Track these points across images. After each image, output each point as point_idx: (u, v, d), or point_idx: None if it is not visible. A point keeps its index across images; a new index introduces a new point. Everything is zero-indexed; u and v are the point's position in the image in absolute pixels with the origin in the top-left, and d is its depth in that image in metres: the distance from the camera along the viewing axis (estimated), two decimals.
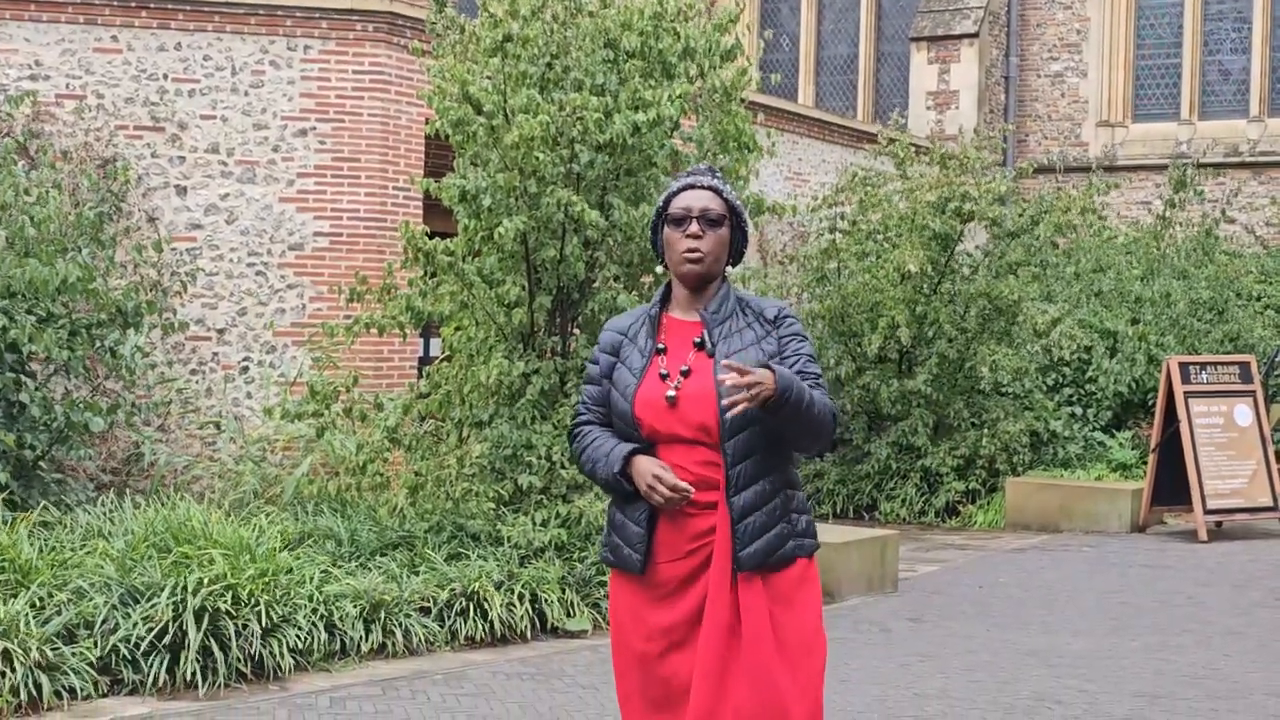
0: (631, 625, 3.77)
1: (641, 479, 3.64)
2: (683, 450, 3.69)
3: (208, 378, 10.78)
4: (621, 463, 3.67)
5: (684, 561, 3.69)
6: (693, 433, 3.68)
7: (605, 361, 3.83)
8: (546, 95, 8.50)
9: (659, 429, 3.70)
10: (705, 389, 3.68)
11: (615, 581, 3.82)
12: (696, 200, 3.79)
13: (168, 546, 7.09)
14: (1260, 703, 6.73)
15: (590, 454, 3.77)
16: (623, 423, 3.74)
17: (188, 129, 10.93)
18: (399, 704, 6.38)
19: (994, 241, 13.90)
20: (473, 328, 8.85)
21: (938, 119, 20.37)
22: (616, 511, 3.78)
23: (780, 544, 3.68)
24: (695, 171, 3.89)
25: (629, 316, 3.91)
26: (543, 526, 8.33)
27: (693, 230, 3.76)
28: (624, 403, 3.74)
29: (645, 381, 3.73)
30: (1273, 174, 19.47)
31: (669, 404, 3.68)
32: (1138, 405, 15.37)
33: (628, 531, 3.73)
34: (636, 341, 3.81)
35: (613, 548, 3.79)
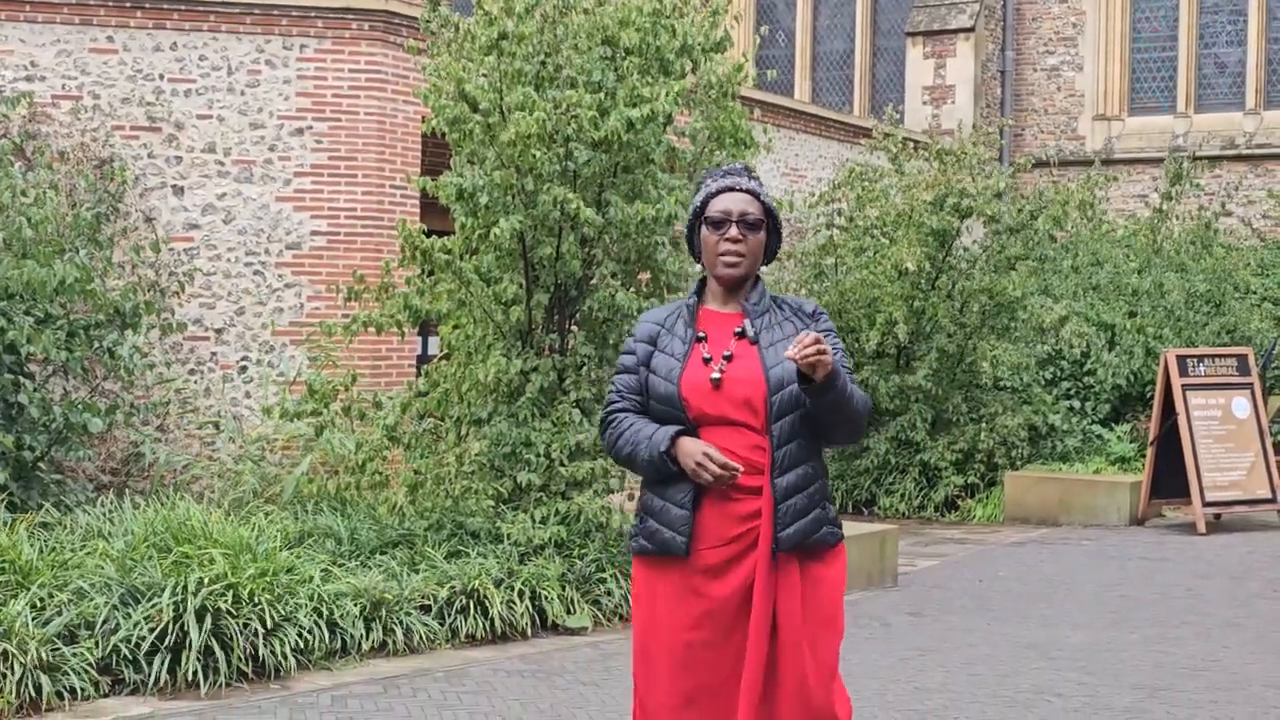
0: (670, 614, 3.77)
1: (689, 458, 3.69)
2: (728, 433, 3.76)
3: (206, 377, 10.79)
4: (668, 442, 3.72)
5: (729, 546, 3.74)
6: (740, 414, 3.75)
7: (643, 350, 3.89)
8: (542, 92, 8.50)
9: (707, 410, 3.77)
10: (751, 372, 3.77)
11: (649, 569, 3.81)
12: (735, 204, 3.86)
13: (168, 546, 7.09)
14: (1260, 694, 6.74)
15: (629, 437, 3.81)
16: (666, 406, 3.80)
17: (184, 129, 10.93)
18: (400, 702, 6.39)
19: (992, 237, 13.91)
20: (471, 326, 8.86)
21: (934, 114, 20.37)
22: (654, 497, 3.80)
23: (816, 528, 3.78)
24: (732, 172, 3.96)
25: (663, 310, 3.99)
26: (542, 524, 8.33)
27: (732, 235, 3.84)
28: (668, 385, 3.80)
29: (690, 365, 3.81)
30: (1269, 166, 19.48)
31: (714, 385, 3.76)
32: (1136, 398, 15.38)
33: (670, 515, 3.76)
34: (674, 331, 3.89)
35: (649, 534, 3.79)
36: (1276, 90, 19.77)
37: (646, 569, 3.83)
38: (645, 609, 3.83)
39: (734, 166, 4.00)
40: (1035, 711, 6.39)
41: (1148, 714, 6.36)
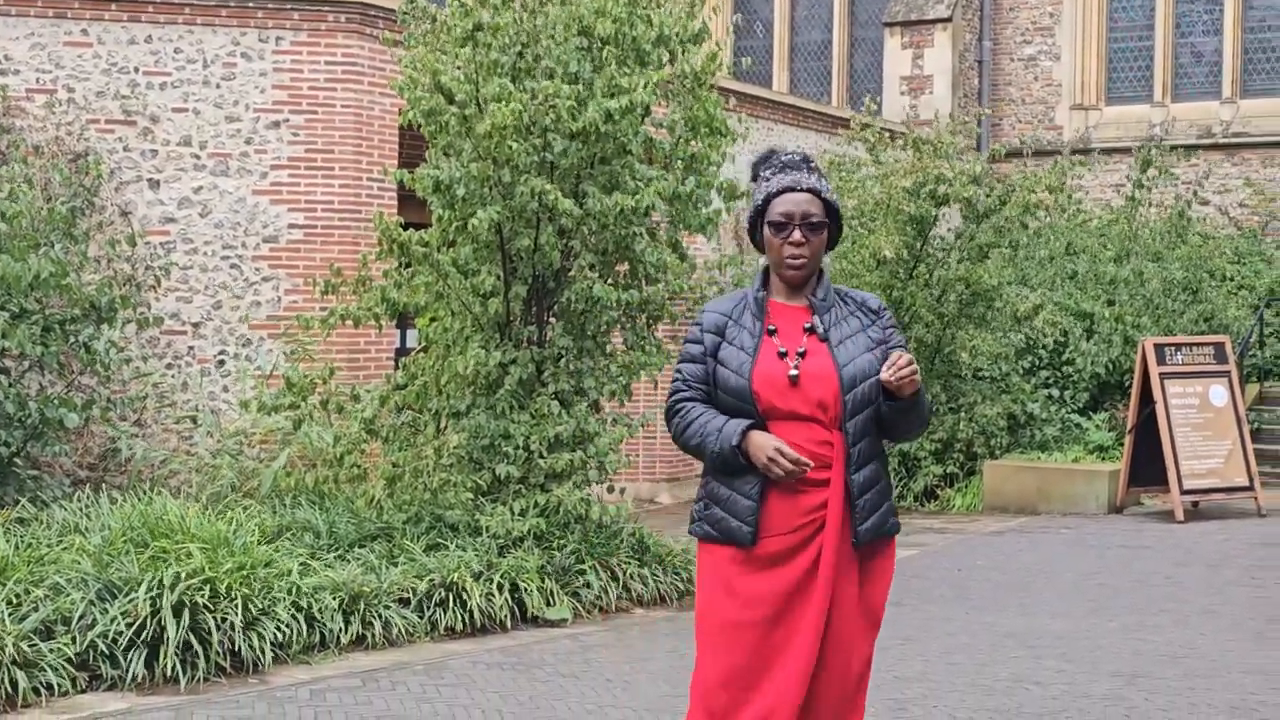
0: (727, 595, 3.85)
1: (761, 452, 3.75)
2: (798, 427, 3.82)
3: (183, 372, 10.75)
4: (739, 436, 3.77)
5: (792, 535, 3.82)
6: (811, 410, 3.81)
7: (710, 341, 3.92)
8: (518, 84, 8.48)
9: (778, 405, 3.82)
10: (824, 369, 3.83)
11: (711, 555, 3.89)
12: (798, 205, 3.89)
13: (145, 541, 7.07)
14: (1237, 680, 6.77)
15: (699, 428, 3.86)
16: (735, 399, 3.84)
17: (160, 122, 10.88)
18: (379, 695, 6.38)
19: (966, 224, 13.94)
20: (448, 318, 8.84)
21: (912, 104, 20.38)
22: (720, 486, 3.86)
23: (884, 522, 3.90)
24: (790, 166, 3.95)
25: (728, 300, 4.01)
26: (521, 516, 8.32)
27: (795, 238, 3.88)
28: (739, 379, 3.84)
29: (762, 359, 3.85)
30: (1245, 155, 19.55)
31: (791, 382, 3.81)
32: (1114, 387, 15.43)
33: (737, 505, 3.83)
34: (742, 323, 3.92)
35: (713, 521, 3.87)
36: (1252, 79, 19.84)
37: (710, 552, 3.91)
38: (705, 590, 3.92)
39: (792, 159, 3.99)
40: (1014, 699, 6.40)
41: (1125, 701, 6.38)
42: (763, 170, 4.00)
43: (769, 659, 3.82)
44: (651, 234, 8.97)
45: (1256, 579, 9.62)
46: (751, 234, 4.03)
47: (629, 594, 8.48)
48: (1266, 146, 19.39)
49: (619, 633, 7.87)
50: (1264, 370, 16.75)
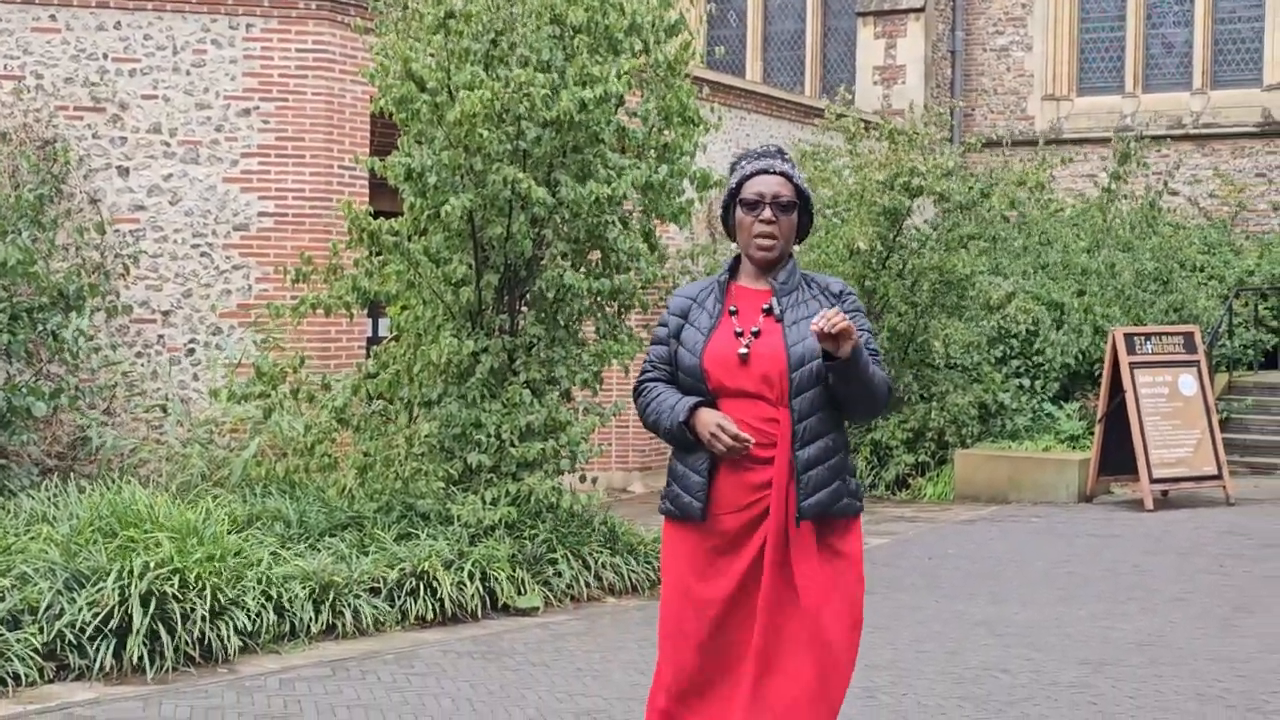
0: (690, 572, 3.96)
1: (704, 429, 3.86)
2: (746, 405, 3.91)
3: (153, 360, 10.69)
4: (686, 413, 3.89)
5: (743, 513, 3.91)
6: (758, 388, 3.90)
7: (674, 323, 4.06)
8: (491, 72, 8.45)
9: (726, 383, 3.92)
10: (775, 349, 3.92)
11: (673, 532, 4.02)
12: (769, 186, 4.00)
13: (113, 531, 7.03)
14: (1204, 668, 6.82)
15: (655, 406, 3.99)
16: (690, 377, 3.97)
17: (129, 109, 10.81)
18: (349, 684, 6.36)
19: (943, 215, 13.97)
20: (420, 307, 8.81)
21: (885, 94, 20.41)
22: (678, 463, 4.00)
23: (837, 499, 3.93)
24: (765, 154, 4.09)
25: (698, 285, 4.13)
26: (492, 505, 8.31)
27: (765, 216, 3.98)
28: (692, 357, 3.96)
29: (715, 339, 3.96)
30: (1215, 146, 19.65)
31: (740, 360, 3.91)
32: (1084, 376, 15.51)
33: (689, 481, 3.95)
34: (705, 305, 4.04)
35: (673, 498, 3.99)
36: (1223, 70, 19.93)
37: (673, 530, 4.03)
38: (669, 567, 4.03)
39: (767, 149, 4.12)
40: (983, 687, 6.43)
41: (1093, 689, 6.41)
42: (739, 162, 4.13)
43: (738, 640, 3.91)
44: (624, 222, 8.96)
45: (1225, 568, 9.68)
46: (725, 219, 4.11)
47: (600, 583, 8.48)
48: (1236, 137, 19.50)
49: (590, 621, 7.87)
50: (1233, 360, 16.86)
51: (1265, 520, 11.86)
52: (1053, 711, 6.02)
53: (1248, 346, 17.30)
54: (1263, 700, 6.23)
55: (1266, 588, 8.95)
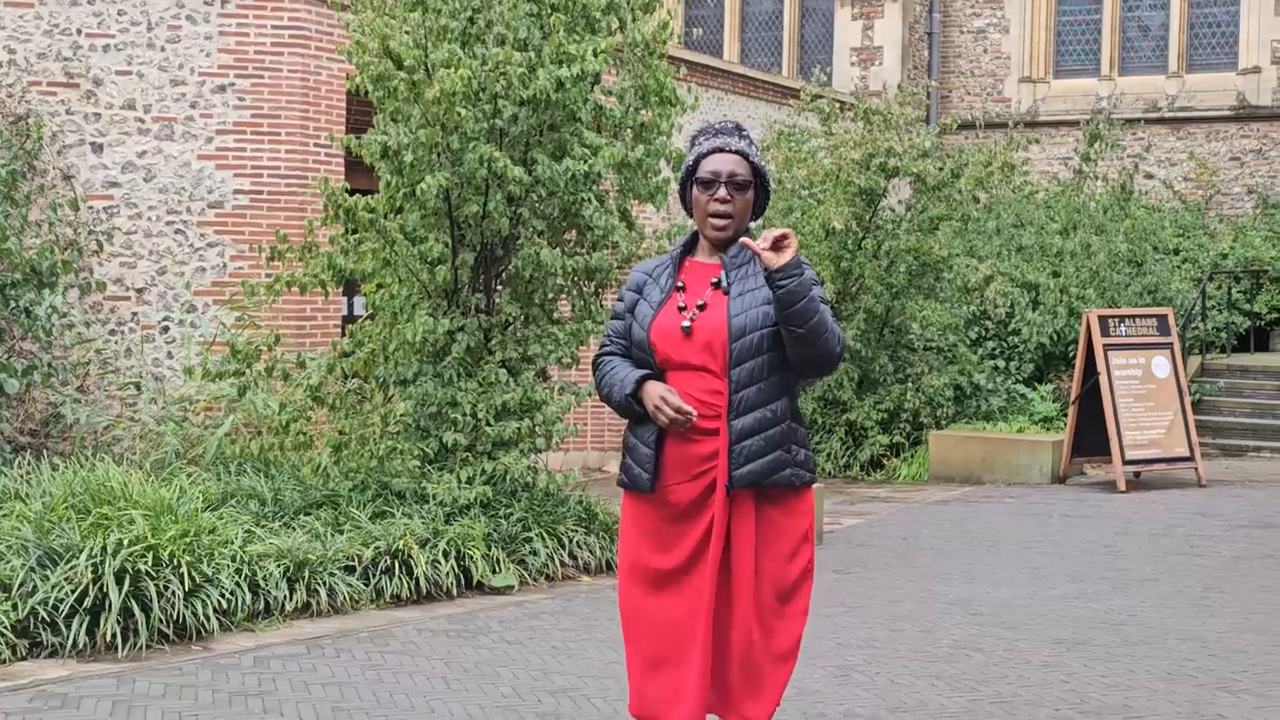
0: (644, 543, 4.05)
1: (649, 400, 3.94)
2: (692, 377, 3.97)
3: (127, 338, 10.64)
4: (634, 385, 3.96)
5: (692, 484, 3.98)
6: (702, 360, 3.96)
7: (629, 298, 4.13)
8: (468, 50, 8.43)
9: (672, 356, 3.99)
10: (717, 321, 3.97)
11: (629, 504, 4.11)
12: (725, 165, 4.03)
13: (87, 508, 7.00)
14: (1174, 647, 6.87)
15: (608, 379, 4.07)
16: (640, 351, 4.05)
17: (103, 85, 10.74)
18: (323, 662, 6.36)
19: (917, 196, 13.99)
20: (396, 285, 8.79)
21: (862, 75, 20.42)
22: (630, 435, 4.07)
23: (776, 469, 3.96)
24: (722, 131, 4.11)
25: (655, 260, 4.19)
26: (468, 484, 8.31)
27: (720, 195, 4.02)
28: (641, 331, 4.03)
29: (662, 313, 4.02)
30: (1190, 129, 19.72)
31: (684, 334, 3.97)
32: (1059, 358, 15.58)
33: (639, 453, 4.02)
34: (658, 280, 4.10)
35: (625, 469, 4.08)
36: (1198, 54, 20.00)
37: (628, 502, 4.11)
38: (624, 538, 4.12)
39: (725, 125, 4.14)
40: (957, 666, 6.46)
41: (1066, 667, 6.45)
42: (697, 138, 4.16)
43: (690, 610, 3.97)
44: (600, 200, 8.95)
45: (1196, 548, 9.75)
46: (682, 196, 4.17)
47: (575, 561, 8.50)
48: (1211, 121, 19.58)
49: (565, 600, 7.88)
50: (1206, 342, 16.96)
51: (1236, 502, 11.95)
52: (1025, 690, 6.06)
53: (1221, 329, 17.40)
54: (1232, 679, 6.28)
55: (1236, 568, 9.02)
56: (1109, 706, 5.81)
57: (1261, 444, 15.16)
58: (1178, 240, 18.17)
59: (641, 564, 4.06)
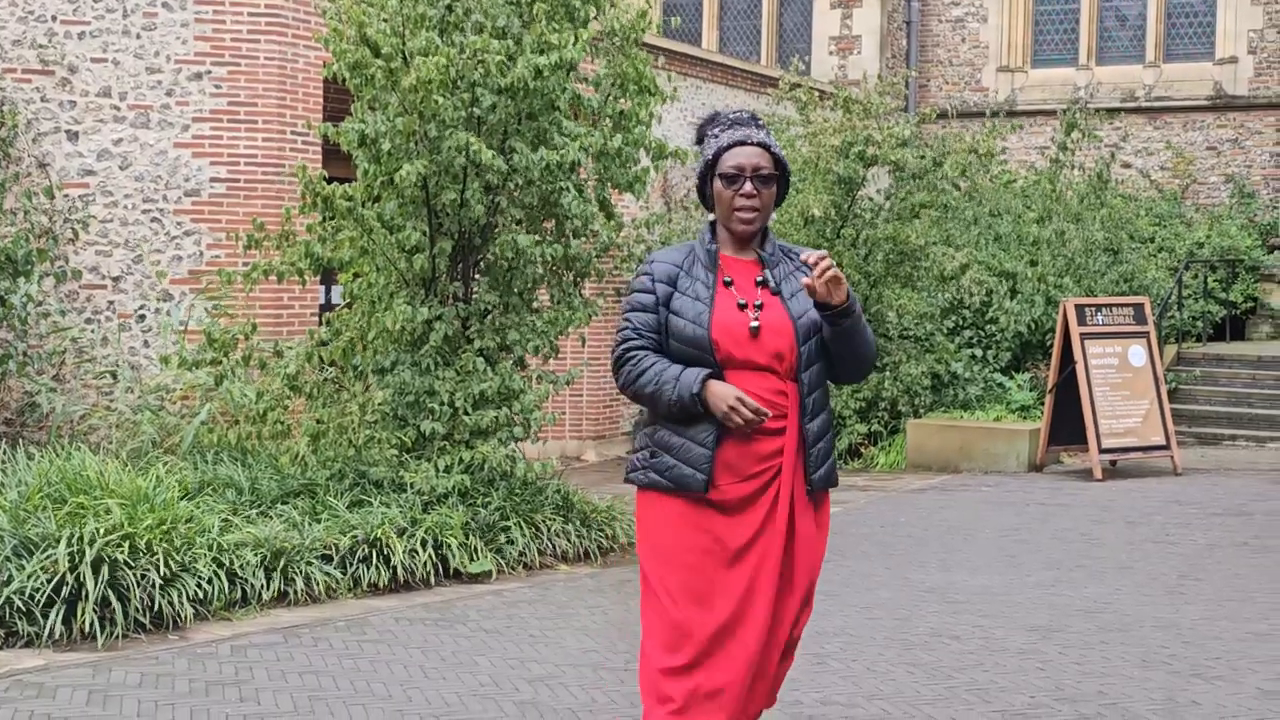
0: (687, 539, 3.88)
1: (721, 401, 3.80)
2: (754, 377, 3.89)
3: (103, 326, 10.60)
4: (699, 385, 3.81)
5: (748, 483, 3.89)
6: (768, 360, 3.89)
7: (662, 291, 3.95)
8: (446, 38, 8.41)
9: (736, 355, 3.88)
10: (781, 321, 3.91)
11: (660, 504, 3.92)
12: (749, 158, 3.94)
13: (63, 497, 6.98)
14: (1149, 634, 6.91)
15: (653, 376, 3.87)
16: (691, 348, 3.88)
17: (78, 72, 10.68)
18: (300, 651, 6.36)
19: (897, 184, 14.02)
20: (373, 274, 8.77)
21: (840, 64, 20.43)
22: (671, 434, 3.90)
23: (832, 473, 4.04)
24: (739, 122, 4.02)
25: (677, 251, 4.04)
26: (445, 472, 8.31)
27: (747, 190, 3.93)
28: (697, 329, 3.88)
29: (720, 310, 3.90)
30: (1167, 119, 19.79)
31: (751, 333, 3.88)
32: (1036, 346, 15.63)
33: (691, 453, 3.87)
34: (695, 274, 3.96)
35: (663, 469, 3.90)
36: (1175, 44, 20.06)
37: (659, 501, 3.93)
38: (652, 542, 3.95)
39: (740, 115, 4.05)
40: (933, 654, 6.49)
41: (1041, 655, 6.49)
42: (710, 129, 4.06)
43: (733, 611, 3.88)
44: (579, 189, 8.94)
45: (1171, 536, 9.80)
46: (701, 190, 4.06)
47: (553, 550, 8.50)
48: (1188, 110, 19.65)
49: (543, 588, 7.89)
50: (1182, 331, 17.03)
51: (1211, 490, 12.02)
52: (1001, 677, 6.09)
53: (1197, 318, 17.48)
54: (1206, 666, 6.32)
55: (1211, 556, 9.07)
56: (1084, 693, 5.84)
57: (1237, 432, 15.24)
58: (1154, 229, 18.24)
59: (679, 568, 3.89)
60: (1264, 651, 6.59)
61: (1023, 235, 16.35)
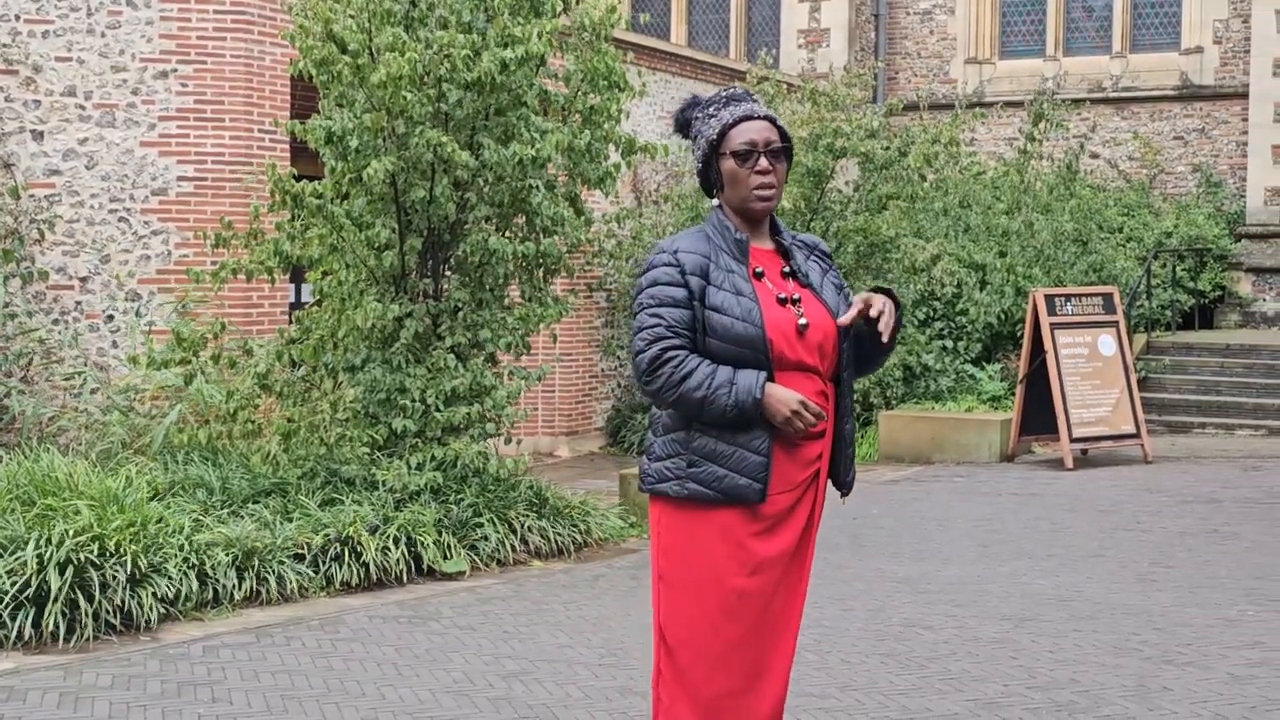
0: (729, 561, 3.64)
1: (783, 406, 3.55)
2: (799, 378, 3.66)
3: (71, 327, 10.53)
4: (762, 391, 3.55)
5: (792, 492, 3.69)
6: (814, 360, 3.68)
7: (695, 284, 3.63)
8: (412, 33, 8.38)
9: (788, 355, 3.64)
10: (822, 318, 3.70)
11: (704, 518, 3.64)
12: (759, 132, 3.70)
13: (32, 499, 6.94)
14: (1120, 622, 6.94)
15: (703, 380, 3.55)
16: (741, 347, 3.59)
17: (42, 72, 10.61)
18: (273, 651, 6.33)
19: (865, 176, 14.04)
20: (343, 271, 8.74)
21: (809, 57, 20.45)
22: (718, 442, 3.61)
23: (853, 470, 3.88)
24: (736, 98, 3.78)
25: (695, 239, 3.72)
26: (418, 470, 8.29)
27: (762, 166, 3.68)
28: (749, 327, 3.59)
29: (766, 306, 3.64)
30: (1134, 109, 19.87)
31: (800, 332, 3.65)
32: (1006, 337, 15.68)
33: (745, 461, 3.60)
34: (724, 265, 3.68)
35: (710, 480, 3.61)
36: (1142, 34, 20.14)
37: (697, 517, 3.64)
38: (699, 557, 3.66)
39: (735, 91, 3.82)
40: (906, 644, 6.51)
41: (1014, 644, 6.51)
42: (697, 111, 3.82)
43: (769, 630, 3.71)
44: (550, 186, 8.93)
45: (1142, 524, 9.85)
46: (705, 174, 3.78)
47: (527, 546, 8.49)
48: (1155, 100, 19.74)
49: (516, 585, 7.88)
50: (1151, 320, 17.12)
51: (1181, 478, 12.08)
52: (974, 666, 6.11)
53: (1165, 307, 17.56)
54: (1177, 652, 6.35)
55: (1182, 543, 9.12)
56: (1057, 681, 5.87)
57: (1206, 420, 15.32)
58: (1122, 219, 18.32)
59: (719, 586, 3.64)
60: (1234, 637, 6.64)
61: (992, 226, 16.40)
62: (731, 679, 3.68)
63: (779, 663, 3.76)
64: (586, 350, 14.41)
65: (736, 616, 3.66)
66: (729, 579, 3.64)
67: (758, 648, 3.70)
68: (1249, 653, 6.35)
